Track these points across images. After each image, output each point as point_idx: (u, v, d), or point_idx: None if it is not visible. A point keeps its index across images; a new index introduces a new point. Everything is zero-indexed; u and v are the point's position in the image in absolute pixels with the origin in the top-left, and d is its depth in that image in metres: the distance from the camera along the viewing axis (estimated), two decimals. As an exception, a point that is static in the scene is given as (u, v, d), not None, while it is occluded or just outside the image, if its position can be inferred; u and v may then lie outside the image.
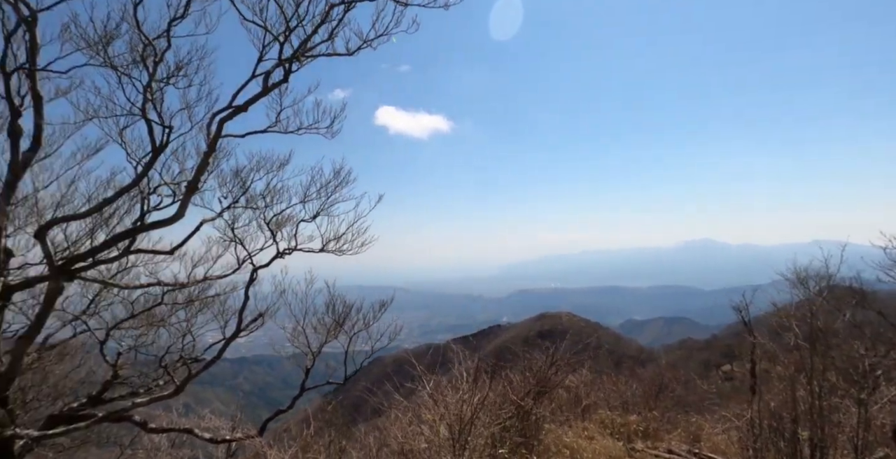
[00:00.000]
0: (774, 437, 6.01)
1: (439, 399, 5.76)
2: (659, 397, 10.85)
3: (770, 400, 6.68)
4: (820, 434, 5.92)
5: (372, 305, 8.99)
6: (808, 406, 5.93)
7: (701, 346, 71.47)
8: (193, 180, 6.62)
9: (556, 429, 8.61)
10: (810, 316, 6.19)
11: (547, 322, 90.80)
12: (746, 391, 13.52)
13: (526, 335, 78.76)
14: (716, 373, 48.05)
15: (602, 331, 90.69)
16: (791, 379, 6.05)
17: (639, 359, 59.71)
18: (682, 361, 61.68)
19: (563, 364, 8.15)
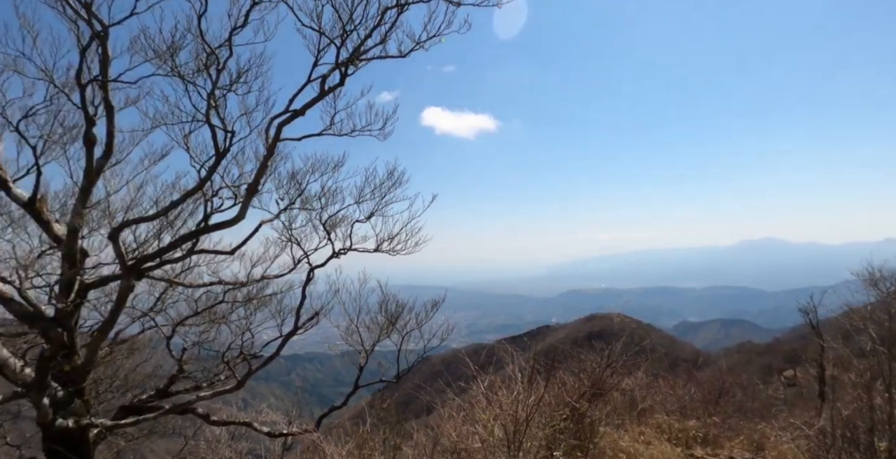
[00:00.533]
0: (849, 448, 5.68)
1: (493, 399, 5.74)
2: (719, 402, 10.44)
3: (842, 408, 6.32)
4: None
5: (424, 305, 9.06)
6: (885, 415, 5.57)
7: (762, 350, 68.46)
8: (254, 183, 6.87)
9: (612, 433, 8.43)
10: (889, 318, 5.82)
11: (597, 323, 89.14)
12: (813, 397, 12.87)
13: (576, 336, 77.57)
14: (778, 379, 45.88)
15: (655, 333, 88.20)
16: (867, 386, 5.70)
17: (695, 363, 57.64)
18: (742, 365, 59.22)
19: (619, 366, 7.96)
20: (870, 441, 5.58)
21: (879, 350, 5.69)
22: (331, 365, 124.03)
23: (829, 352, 7.63)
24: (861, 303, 8.85)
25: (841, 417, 5.97)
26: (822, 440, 6.04)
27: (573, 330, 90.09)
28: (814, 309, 10.16)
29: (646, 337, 55.79)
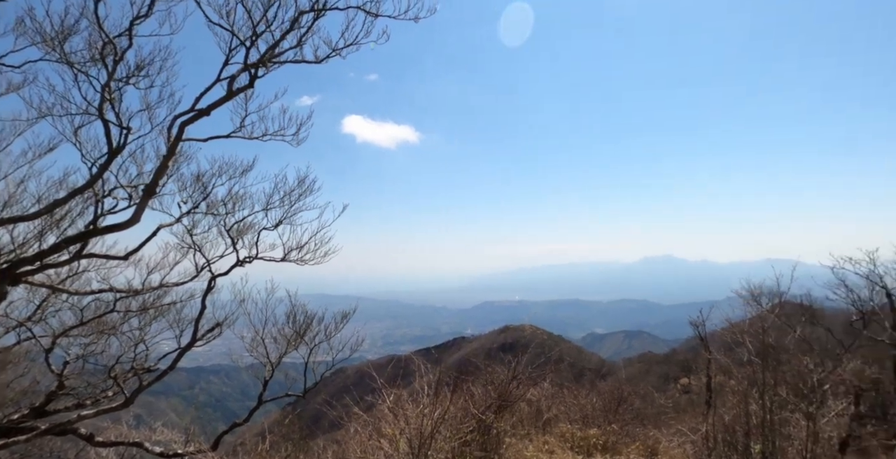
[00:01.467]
0: (728, 451, 6.12)
1: (399, 413, 5.67)
2: (618, 410, 10.95)
3: (724, 414, 6.82)
4: (771, 447, 6.06)
5: (334, 315, 8.82)
6: (759, 419, 6.07)
7: (660, 360, 72.97)
8: (151, 184, 6.42)
9: (517, 443, 8.60)
10: (762, 332, 6.37)
11: (510, 334, 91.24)
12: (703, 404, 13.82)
13: (489, 347, 78.85)
14: (674, 386, 49.13)
15: (564, 344, 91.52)
16: (744, 394, 6.19)
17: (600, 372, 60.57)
18: (642, 374, 62.84)
19: (525, 377, 8.16)
20: (746, 444, 6.05)
21: (755, 361, 6.20)
22: (238, 378, 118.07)
23: (715, 363, 8.26)
24: (741, 318, 9.64)
25: (722, 422, 6.43)
26: (705, 444, 6.47)
27: (487, 341, 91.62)
28: (702, 322, 11.02)
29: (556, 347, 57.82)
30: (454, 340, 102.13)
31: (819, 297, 14.17)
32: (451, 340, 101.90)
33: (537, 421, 10.57)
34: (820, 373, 7.65)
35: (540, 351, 13.58)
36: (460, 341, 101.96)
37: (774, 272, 8.62)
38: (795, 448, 6.77)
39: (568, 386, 12.47)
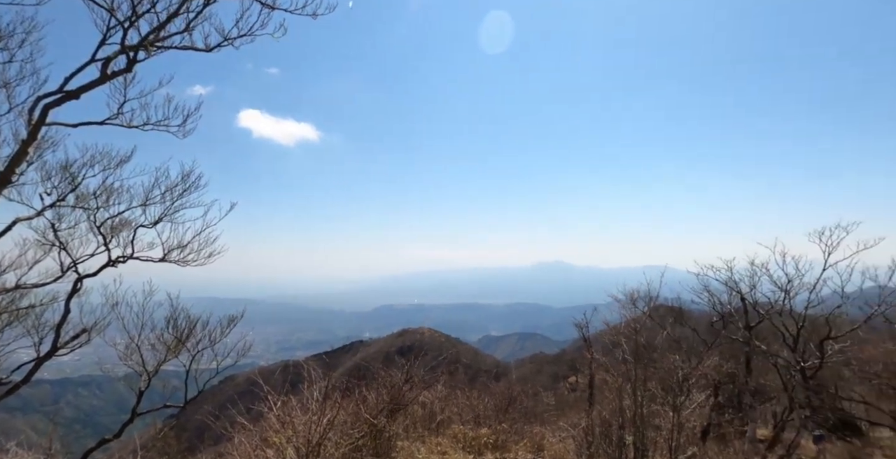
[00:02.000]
0: (605, 443, 6.55)
1: (287, 421, 5.47)
2: (508, 410, 11.33)
3: (602, 410, 7.29)
4: (642, 437, 6.58)
5: (220, 320, 8.29)
6: (632, 413, 6.55)
7: (550, 360, 76.81)
8: (7, 171, 5.71)
9: (410, 446, 8.61)
10: (635, 333, 6.89)
11: (408, 337, 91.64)
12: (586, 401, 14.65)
13: (387, 351, 78.68)
14: (563, 385, 51.86)
15: (461, 347, 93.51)
16: (619, 390, 6.66)
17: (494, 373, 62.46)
18: (534, 374, 65.79)
19: (419, 380, 8.20)
20: (620, 435, 6.51)
21: (629, 359, 6.71)
22: (112, 389, 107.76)
23: (595, 362, 8.82)
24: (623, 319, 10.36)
25: (600, 417, 6.88)
26: (584, 438, 6.88)
27: (385, 344, 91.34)
28: (586, 324, 11.81)
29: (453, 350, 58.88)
30: (351, 344, 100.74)
31: (686, 301, 15.67)
32: (349, 344, 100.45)
33: (431, 423, 10.66)
34: (685, 369, 8.41)
35: (437, 353, 13.76)
36: (358, 345, 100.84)
37: (650, 278, 9.37)
38: (663, 437, 7.39)
39: (461, 388, 12.71)
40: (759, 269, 12.81)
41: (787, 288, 12.17)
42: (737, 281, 13.77)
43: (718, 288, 15.09)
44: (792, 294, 12.22)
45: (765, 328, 14.01)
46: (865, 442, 19.43)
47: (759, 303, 13.71)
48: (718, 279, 14.05)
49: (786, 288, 12.19)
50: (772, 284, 12.58)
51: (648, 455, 6.87)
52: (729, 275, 13.73)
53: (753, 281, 13.16)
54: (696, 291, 15.88)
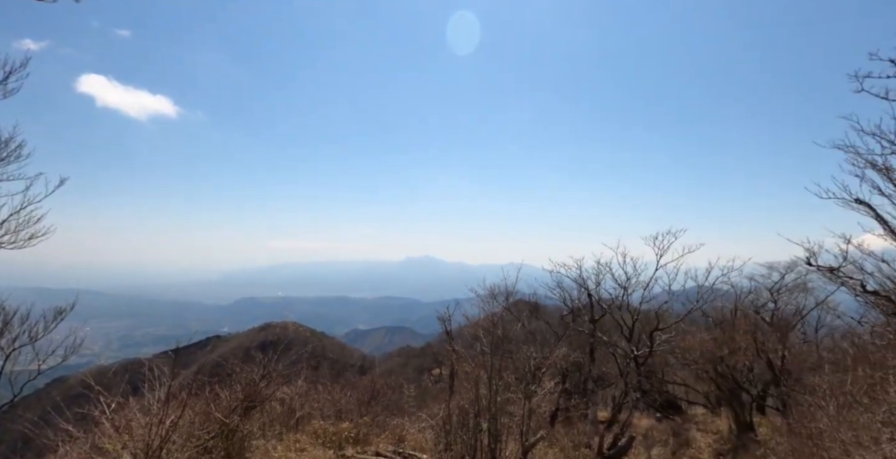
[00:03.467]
0: (462, 431, 6.84)
1: (123, 425, 4.99)
2: (371, 403, 11.38)
3: (461, 399, 7.61)
4: (496, 424, 6.98)
5: (44, 313, 7.20)
6: (488, 401, 6.92)
7: (417, 353, 78.30)
8: None
9: (265, 445, 8.31)
10: (492, 326, 7.28)
11: (272, 332, 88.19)
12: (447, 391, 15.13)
13: (248, 346, 75.19)
14: (427, 377, 53.12)
15: (327, 341, 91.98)
16: (476, 380, 6.99)
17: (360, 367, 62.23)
18: (400, 367, 66.68)
19: (277, 375, 7.92)
20: (476, 423, 6.85)
21: (486, 350, 7.08)
22: None
23: (457, 353, 9.18)
24: (480, 314, 10.88)
25: (458, 406, 7.18)
26: (442, 427, 7.14)
27: (246, 339, 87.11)
28: (449, 317, 12.28)
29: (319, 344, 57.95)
30: (207, 339, 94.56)
31: (542, 296, 16.87)
32: (204, 340, 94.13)
33: (290, 420, 10.37)
34: (537, 359, 9.04)
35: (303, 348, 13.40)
36: (214, 340, 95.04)
37: (508, 274, 9.92)
38: (515, 423, 7.89)
39: (324, 383, 12.51)
40: (604, 268, 14.22)
41: (626, 285, 13.60)
42: (585, 279, 15.10)
43: (570, 284, 16.50)
44: (630, 291, 13.66)
45: (607, 321, 15.54)
46: (684, 419, 22.32)
47: (602, 299, 15.15)
48: (569, 276, 15.34)
49: (625, 285, 13.62)
50: (614, 282, 14.01)
51: (502, 439, 7.29)
52: (578, 273, 15.02)
53: (599, 278, 14.55)
54: (550, 287, 17.20)
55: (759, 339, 19.27)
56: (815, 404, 9.47)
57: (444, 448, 6.79)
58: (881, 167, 6.39)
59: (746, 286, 22.32)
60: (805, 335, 21.69)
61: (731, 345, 19.38)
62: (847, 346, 14.83)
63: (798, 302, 21.72)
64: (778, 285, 21.55)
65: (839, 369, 10.96)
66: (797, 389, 13.19)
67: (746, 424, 17.89)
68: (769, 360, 18.66)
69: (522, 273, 20.33)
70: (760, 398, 19.43)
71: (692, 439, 19.82)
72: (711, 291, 13.88)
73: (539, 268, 16.14)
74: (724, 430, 19.43)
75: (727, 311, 22.35)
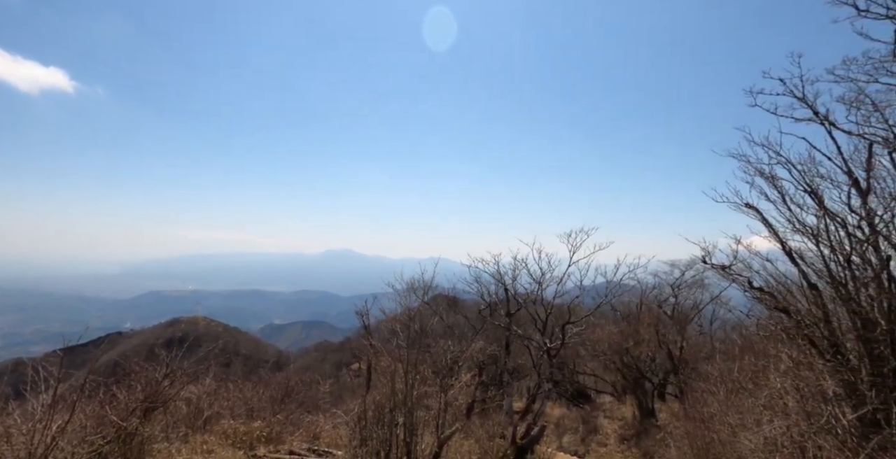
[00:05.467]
0: (377, 426, 6.80)
1: (0, 433, 4.52)
2: (284, 400, 11.07)
3: (377, 394, 7.56)
4: (412, 417, 6.99)
5: None
6: (404, 395, 6.92)
7: (335, 348, 77.06)
8: None
9: (168, 448, 7.86)
10: (409, 320, 7.29)
11: (180, 328, 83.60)
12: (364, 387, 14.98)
13: (153, 343, 70.87)
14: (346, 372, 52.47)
15: (241, 336, 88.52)
16: (392, 374, 6.98)
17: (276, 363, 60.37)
18: (318, 363, 65.32)
19: (182, 374, 7.49)
20: (392, 417, 6.84)
21: (402, 345, 7.08)
22: None
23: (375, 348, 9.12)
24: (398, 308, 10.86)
25: (374, 401, 7.13)
26: (357, 421, 7.07)
27: (151, 336, 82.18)
28: (367, 312, 12.19)
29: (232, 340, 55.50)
30: (107, 336, 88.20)
31: (460, 290, 17.12)
32: (104, 336, 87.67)
33: (196, 421, 9.88)
34: (454, 352, 9.16)
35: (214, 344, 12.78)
36: (116, 338, 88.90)
37: (429, 269, 9.96)
38: (432, 416, 7.95)
39: (234, 380, 12.02)
40: (520, 264, 14.64)
41: (541, 280, 14.10)
42: (502, 274, 15.45)
43: (488, 279, 16.87)
44: (544, 286, 14.18)
45: (522, 315, 16.03)
46: (593, 407, 23.55)
47: (518, 293, 15.60)
48: (487, 271, 15.67)
49: (540, 280, 14.11)
50: (529, 277, 14.47)
51: (418, 433, 7.33)
52: (496, 268, 15.37)
53: (515, 274, 14.96)
54: (468, 282, 17.52)
55: (661, 331, 20.66)
56: (708, 390, 10.25)
57: (359, 444, 6.73)
58: (768, 175, 7.04)
59: (651, 282, 23.92)
60: (701, 327, 23.46)
61: (636, 337, 20.65)
62: (736, 337, 16.20)
63: (696, 297, 23.52)
64: (678, 281, 23.20)
65: (728, 358, 11.94)
66: (693, 377, 14.22)
67: (649, 410, 19.13)
68: (669, 351, 20.04)
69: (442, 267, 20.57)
70: (661, 386, 20.84)
71: (600, 426, 20.97)
72: (619, 286, 14.70)
73: (458, 263, 16.36)
74: (629, 417, 20.69)
75: (633, 306, 23.81)
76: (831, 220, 6.57)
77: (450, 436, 7.44)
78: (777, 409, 7.28)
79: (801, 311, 7.02)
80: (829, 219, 6.58)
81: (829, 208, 6.65)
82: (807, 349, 6.84)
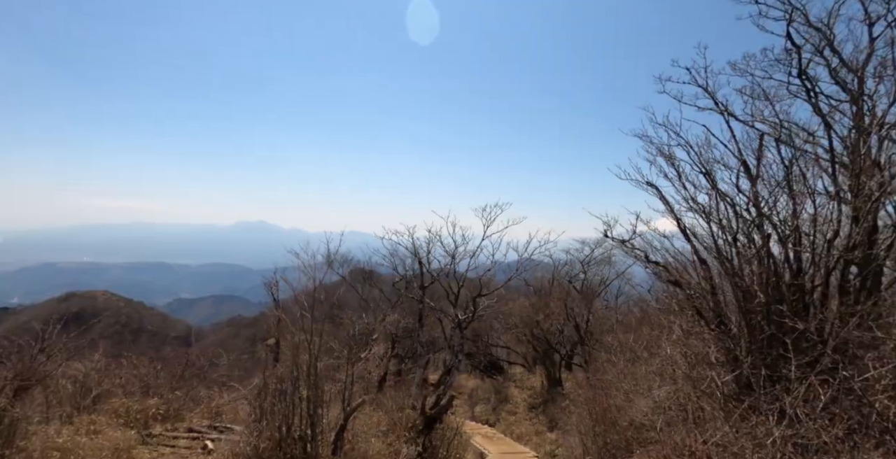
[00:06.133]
0: (279, 399, 6.60)
1: None
2: (184, 376, 10.53)
3: (282, 368, 7.33)
4: (317, 391, 6.83)
5: None
6: (308, 367, 6.74)
7: (248, 323, 74.60)
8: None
9: (47, 429, 7.24)
10: (314, 291, 7.08)
11: (77, 303, 77.53)
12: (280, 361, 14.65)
13: (47, 318, 65.14)
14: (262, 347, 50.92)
15: (147, 311, 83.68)
16: (296, 348, 6.77)
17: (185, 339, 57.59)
18: (231, 338, 63.00)
19: (60, 349, 6.86)
20: (294, 389, 6.65)
21: (307, 316, 6.88)
22: None
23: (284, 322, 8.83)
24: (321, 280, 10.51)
25: (276, 375, 6.90)
26: (258, 394, 6.83)
27: (42, 311, 75.58)
28: (276, 284, 11.74)
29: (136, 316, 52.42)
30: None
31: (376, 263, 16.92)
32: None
33: (83, 400, 9.19)
34: (362, 325, 9.05)
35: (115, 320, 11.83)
36: (1, 313, 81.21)
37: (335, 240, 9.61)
38: (337, 388, 7.83)
39: (128, 356, 11.27)
40: (434, 236, 14.59)
41: (454, 254, 14.17)
42: (417, 247, 15.37)
43: (403, 252, 16.74)
44: (458, 259, 14.27)
45: (436, 288, 16.08)
46: (505, 378, 24.45)
47: (432, 266, 15.62)
48: (402, 243, 15.49)
49: (453, 254, 14.17)
50: (443, 250, 14.51)
51: (323, 406, 7.19)
52: (411, 241, 15.25)
53: (430, 247, 14.93)
54: (383, 255, 17.35)
55: (570, 305, 21.63)
56: (609, 360, 10.82)
57: (257, 419, 6.50)
58: (668, 154, 7.38)
59: (563, 258, 24.89)
60: (607, 302, 24.80)
61: (546, 311, 21.51)
62: (636, 311, 17.22)
63: (603, 274, 24.76)
64: (588, 258, 24.29)
65: (628, 330, 12.66)
66: (597, 348, 14.97)
67: (556, 380, 20.09)
68: (577, 324, 21.05)
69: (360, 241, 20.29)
70: (569, 357, 21.92)
71: (511, 395, 21.83)
72: (530, 261, 15.08)
73: (375, 237, 16.10)
74: (538, 386, 21.67)
75: (546, 281, 24.73)
76: (722, 200, 7.01)
77: (356, 408, 7.36)
78: (666, 375, 7.80)
79: (692, 285, 7.49)
80: (720, 198, 7.01)
81: (720, 189, 7.08)
82: (696, 319, 7.34)
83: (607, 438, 8.48)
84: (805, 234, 6.58)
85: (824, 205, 6.65)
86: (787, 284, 6.36)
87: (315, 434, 6.74)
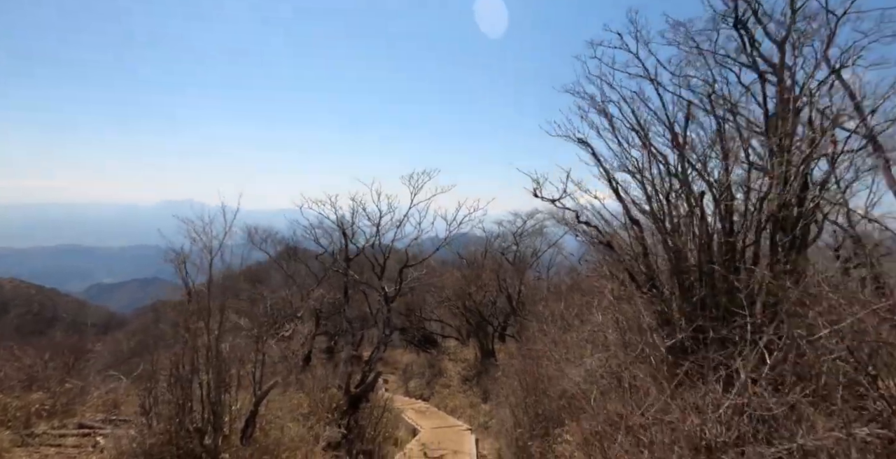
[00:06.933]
0: (171, 386, 5.80)
1: None
2: (75, 366, 9.37)
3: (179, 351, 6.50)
4: (219, 375, 6.08)
5: None
6: (208, 351, 5.97)
7: (174, 306, 70.70)
8: None
9: None
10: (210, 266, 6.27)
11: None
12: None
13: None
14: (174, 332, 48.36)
15: (61, 299, 77.90)
16: (194, 332, 5.96)
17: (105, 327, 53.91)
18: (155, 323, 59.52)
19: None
20: (190, 375, 5.88)
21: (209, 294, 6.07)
22: None
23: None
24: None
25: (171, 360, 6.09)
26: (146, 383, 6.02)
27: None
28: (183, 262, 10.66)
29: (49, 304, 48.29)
30: None
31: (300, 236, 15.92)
32: None
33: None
34: (282, 300, 8.26)
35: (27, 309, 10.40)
36: None
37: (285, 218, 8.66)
38: (248, 371, 7.08)
39: (6, 346, 9.93)
40: (358, 205, 13.78)
41: (378, 223, 13.45)
42: (339, 217, 14.50)
43: (329, 225, 15.80)
44: (383, 229, 13.56)
45: (362, 261, 15.31)
46: (439, 351, 24.28)
47: (357, 238, 14.82)
48: (323, 213, 14.55)
49: (377, 223, 13.46)
50: (367, 220, 13.74)
51: (230, 391, 6.44)
52: (333, 210, 14.36)
53: (354, 217, 14.10)
54: (305, 227, 16.41)
55: (502, 277, 21.54)
56: (540, 329, 10.59)
57: (144, 412, 5.69)
58: (601, 108, 6.96)
59: (496, 231, 24.75)
60: (539, 273, 24.98)
61: (478, 283, 21.31)
62: (567, 280, 17.24)
63: (535, 245, 24.86)
64: (520, 230, 24.24)
65: (559, 298, 12.49)
66: (529, 318, 14.82)
67: (489, 351, 20.03)
68: (509, 295, 20.97)
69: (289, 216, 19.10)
70: (502, 328, 21.91)
71: (445, 368, 21.67)
72: (459, 231, 14.59)
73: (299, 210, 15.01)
74: (472, 358, 21.59)
75: (479, 254, 24.58)
76: (654, 158, 6.71)
77: (267, 391, 6.65)
78: (598, 343, 7.56)
79: (624, 248, 7.22)
80: (651, 156, 6.70)
81: (654, 146, 6.76)
82: (627, 283, 7.08)
83: (538, 409, 8.23)
84: (737, 193, 6.41)
85: (756, 163, 6.48)
86: (718, 244, 6.16)
87: (218, 424, 5.99)
